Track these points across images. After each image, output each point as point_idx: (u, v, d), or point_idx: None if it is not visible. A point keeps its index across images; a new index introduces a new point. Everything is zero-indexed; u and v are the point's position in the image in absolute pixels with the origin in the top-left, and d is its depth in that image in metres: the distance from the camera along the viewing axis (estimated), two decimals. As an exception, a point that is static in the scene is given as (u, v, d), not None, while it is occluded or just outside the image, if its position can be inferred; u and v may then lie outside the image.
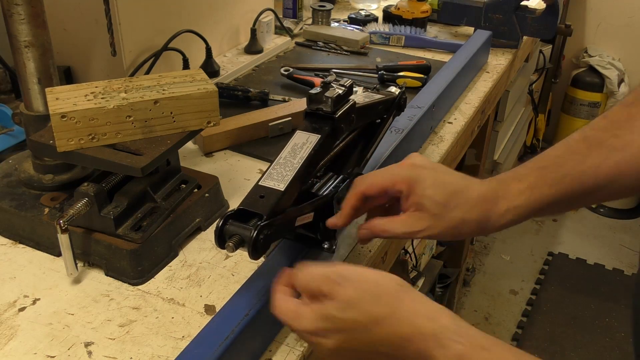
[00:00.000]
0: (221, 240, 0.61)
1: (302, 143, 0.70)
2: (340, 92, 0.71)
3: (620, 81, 2.75)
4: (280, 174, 0.66)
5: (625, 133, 0.61)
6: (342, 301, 0.53)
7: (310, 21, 1.71)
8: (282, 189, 0.64)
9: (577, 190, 0.62)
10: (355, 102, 0.75)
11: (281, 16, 1.66)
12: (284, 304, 0.57)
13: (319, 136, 0.70)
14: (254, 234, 0.59)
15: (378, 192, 0.66)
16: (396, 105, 0.88)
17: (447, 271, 2.00)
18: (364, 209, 0.70)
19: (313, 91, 0.71)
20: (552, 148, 0.65)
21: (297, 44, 1.59)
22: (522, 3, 1.51)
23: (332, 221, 0.69)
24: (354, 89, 0.76)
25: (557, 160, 0.64)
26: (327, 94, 0.71)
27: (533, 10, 1.51)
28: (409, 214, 0.65)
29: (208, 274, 0.79)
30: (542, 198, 0.63)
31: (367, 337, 0.53)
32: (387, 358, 0.53)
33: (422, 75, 1.34)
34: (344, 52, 1.53)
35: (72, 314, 0.73)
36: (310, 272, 0.57)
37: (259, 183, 0.65)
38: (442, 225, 0.63)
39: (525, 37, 1.64)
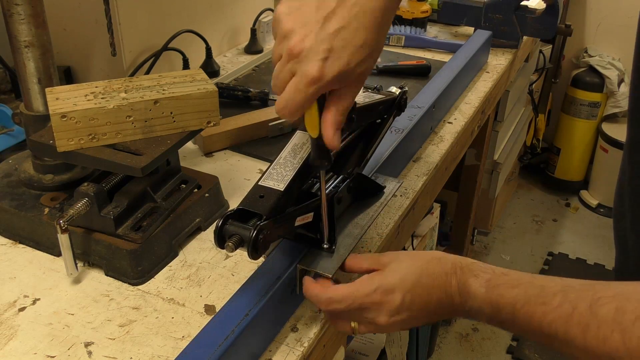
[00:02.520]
0: (221, 240, 0.61)
1: (302, 143, 0.70)
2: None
3: (620, 81, 2.75)
4: (280, 173, 0.66)
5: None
6: (395, 269, 0.64)
7: (310, 21, 1.71)
8: (282, 189, 0.64)
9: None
10: (355, 102, 0.75)
11: (281, 16, 1.66)
12: (338, 287, 0.65)
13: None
14: (254, 234, 0.59)
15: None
16: (396, 106, 0.87)
17: (447, 271, 2.00)
18: None
19: None
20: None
21: (297, 44, 1.59)
22: (522, 3, 1.51)
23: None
24: None
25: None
26: None
27: (533, 10, 1.51)
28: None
29: (208, 274, 0.79)
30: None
31: (422, 288, 0.63)
32: (438, 302, 0.63)
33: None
34: (344, 52, 1.53)
35: (72, 314, 0.73)
36: (361, 256, 0.69)
37: (259, 183, 0.65)
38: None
39: (525, 37, 1.64)
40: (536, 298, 0.57)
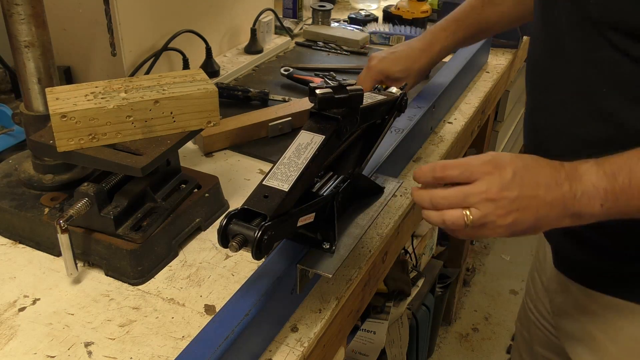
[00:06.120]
0: (224, 239, 0.61)
1: (307, 143, 0.69)
2: (327, 92, 0.71)
3: (620, 81, 2.74)
4: (284, 174, 0.66)
5: None
6: (504, 153, 0.65)
7: (310, 21, 1.71)
8: (286, 190, 0.64)
9: (477, 31, 1.07)
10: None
11: (281, 16, 1.66)
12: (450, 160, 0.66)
13: (324, 137, 0.69)
14: (258, 235, 0.59)
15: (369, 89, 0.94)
16: (397, 106, 0.87)
17: (447, 271, 2.00)
18: None
19: (320, 91, 0.71)
20: (461, 5, 1.07)
21: (297, 44, 1.60)
22: (522, 3, 1.51)
23: None
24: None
25: (465, 14, 1.06)
26: (317, 91, 0.70)
27: (533, 10, 1.51)
28: (397, 85, 0.95)
29: (208, 274, 0.79)
30: (458, 39, 1.07)
31: (532, 171, 0.64)
32: (546, 187, 0.63)
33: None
34: (344, 52, 1.54)
35: (72, 314, 0.73)
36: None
37: (263, 183, 0.65)
38: (415, 77, 1.06)
39: (525, 37, 1.64)
40: None
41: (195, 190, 0.88)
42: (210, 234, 0.87)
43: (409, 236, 1.31)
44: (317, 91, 0.71)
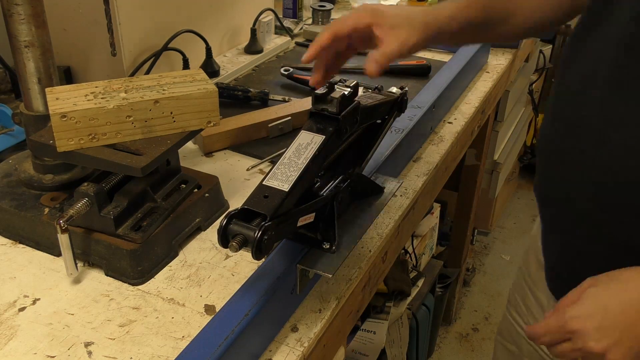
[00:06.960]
0: (224, 239, 0.61)
1: (307, 143, 0.69)
2: (346, 92, 0.71)
3: (620, 81, 2.74)
4: (284, 174, 0.66)
5: None
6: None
7: (310, 21, 1.71)
8: (287, 190, 0.64)
9: (491, 15, 0.83)
10: (360, 103, 0.75)
11: (281, 16, 1.66)
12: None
13: (324, 137, 0.70)
14: (258, 235, 0.59)
15: (347, 30, 0.76)
16: (397, 106, 0.88)
17: (447, 271, 2.00)
18: (337, 63, 0.80)
19: (319, 91, 0.71)
20: None
21: (297, 44, 1.59)
22: (522, 3, 1.51)
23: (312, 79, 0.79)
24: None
25: None
26: (332, 94, 0.71)
27: (533, 10, 1.50)
28: (391, 32, 0.75)
29: (208, 274, 0.79)
30: (470, 15, 0.81)
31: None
32: None
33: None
34: (344, 52, 1.53)
35: (72, 314, 0.73)
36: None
37: (263, 183, 0.65)
38: (417, 30, 0.77)
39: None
40: None
41: (195, 190, 0.88)
42: (210, 234, 0.87)
43: (409, 236, 1.31)
44: (334, 94, 0.71)
